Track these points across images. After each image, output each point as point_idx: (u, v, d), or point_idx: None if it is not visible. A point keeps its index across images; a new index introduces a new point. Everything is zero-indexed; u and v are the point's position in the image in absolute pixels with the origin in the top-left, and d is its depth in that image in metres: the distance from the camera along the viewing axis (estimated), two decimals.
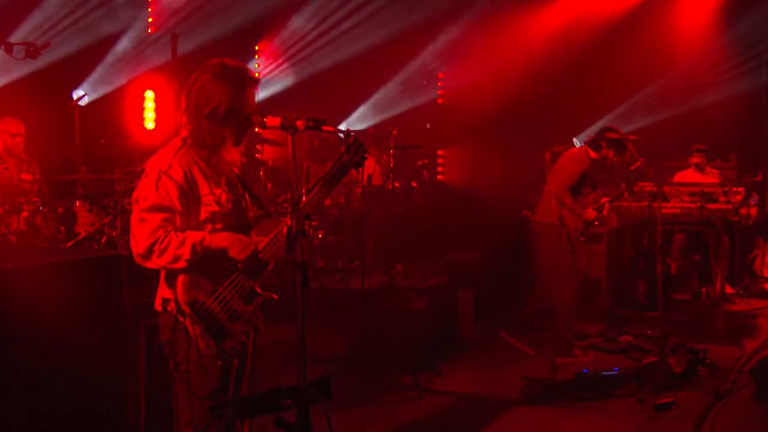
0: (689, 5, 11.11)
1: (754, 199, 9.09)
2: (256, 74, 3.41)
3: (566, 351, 6.73)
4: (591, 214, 6.73)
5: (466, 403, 5.75)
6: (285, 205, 8.37)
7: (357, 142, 3.39)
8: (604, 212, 6.89)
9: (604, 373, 5.87)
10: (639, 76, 10.94)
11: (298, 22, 11.32)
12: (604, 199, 6.90)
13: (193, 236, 3.17)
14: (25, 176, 7.10)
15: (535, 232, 6.96)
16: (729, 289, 8.95)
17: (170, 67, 7.68)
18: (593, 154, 6.80)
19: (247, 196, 3.52)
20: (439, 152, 12.47)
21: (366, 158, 3.43)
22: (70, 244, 6.62)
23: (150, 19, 9.75)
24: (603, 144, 6.74)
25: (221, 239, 3.23)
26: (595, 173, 6.89)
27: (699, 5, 11.06)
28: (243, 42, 10.82)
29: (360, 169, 3.47)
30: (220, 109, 3.24)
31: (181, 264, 3.14)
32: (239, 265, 3.26)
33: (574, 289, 6.81)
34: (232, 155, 3.38)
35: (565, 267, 6.70)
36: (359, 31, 11.27)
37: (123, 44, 9.37)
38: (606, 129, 6.81)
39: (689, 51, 10.88)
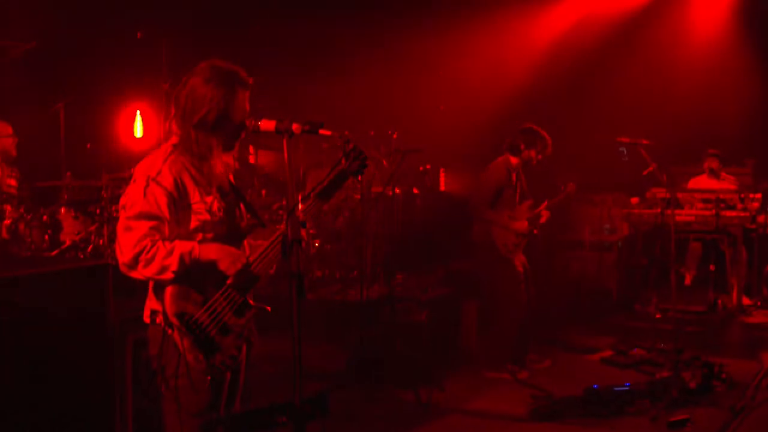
0: (703, 4, 11.13)
1: None
2: (249, 77, 3.38)
3: (499, 366, 6.69)
4: (521, 226, 6.73)
5: (471, 420, 5.73)
6: (280, 212, 8.38)
7: (357, 148, 3.38)
8: (542, 220, 6.87)
9: (615, 388, 5.85)
10: (650, 77, 10.94)
11: (293, 20, 11.32)
12: (544, 204, 6.90)
13: (181, 246, 3.15)
14: (10, 182, 7.11)
15: (473, 253, 7.00)
16: (746, 301, 8.94)
17: (160, 69, 7.72)
18: (514, 160, 6.79)
19: (240, 204, 3.51)
20: (442, 157, 12.44)
21: (366, 165, 3.42)
22: (54, 253, 6.63)
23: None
24: (522, 146, 6.75)
25: (211, 251, 3.22)
26: (522, 179, 6.91)
27: (713, 4, 11.07)
28: (235, 40, 10.83)
29: (359, 177, 3.47)
30: (209, 117, 3.23)
31: (168, 275, 3.13)
32: (229, 280, 3.24)
33: (520, 306, 6.72)
34: (225, 161, 3.37)
35: (504, 281, 6.71)
36: (359, 30, 11.27)
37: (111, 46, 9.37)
38: (521, 129, 6.80)
39: (702, 52, 10.89)
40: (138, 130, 9.41)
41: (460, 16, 11.17)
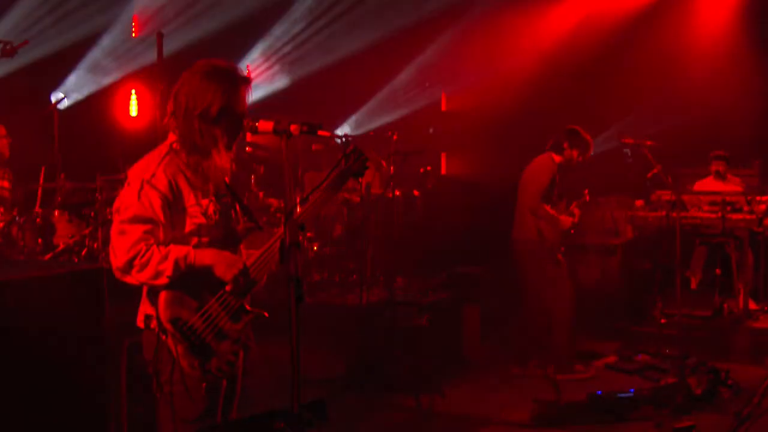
0: (709, 3, 11.13)
1: None
2: (247, 75, 3.40)
3: (566, 367, 6.75)
4: (567, 221, 6.80)
5: (473, 427, 5.72)
6: (278, 215, 8.37)
7: (356, 149, 3.39)
8: (576, 219, 6.92)
9: (619, 394, 5.85)
10: (655, 77, 10.94)
11: (291, 21, 11.34)
12: (573, 204, 6.93)
13: (176, 251, 3.15)
14: (3, 183, 7.10)
15: (514, 251, 6.98)
16: (752, 305, 8.91)
17: (156, 68, 7.70)
18: (557, 158, 6.88)
19: (237, 206, 3.50)
20: (443, 159, 12.46)
21: (367, 167, 3.43)
22: (48, 256, 6.61)
23: (133, 23, 9.79)
24: (565, 145, 6.83)
25: (206, 256, 3.21)
26: (561, 178, 6.94)
27: (720, 3, 11.08)
28: (233, 42, 10.85)
29: (360, 178, 3.48)
30: (212, 109, 3.24)
31: (163, 280, 3.12)
32: (227, 286, 3.23)
33: (568, 303, 6.81)
34: (223, 161, 3.37)
35: (553, 280, 6.76)
36: (358, 30, 11.29)
37: (105, 44, 9.38)
38: (566, 130, 6.88)
39: (708, 51, 10.88)
40: (133, 110, 9.43)
41: (461, 15, 11.19)
